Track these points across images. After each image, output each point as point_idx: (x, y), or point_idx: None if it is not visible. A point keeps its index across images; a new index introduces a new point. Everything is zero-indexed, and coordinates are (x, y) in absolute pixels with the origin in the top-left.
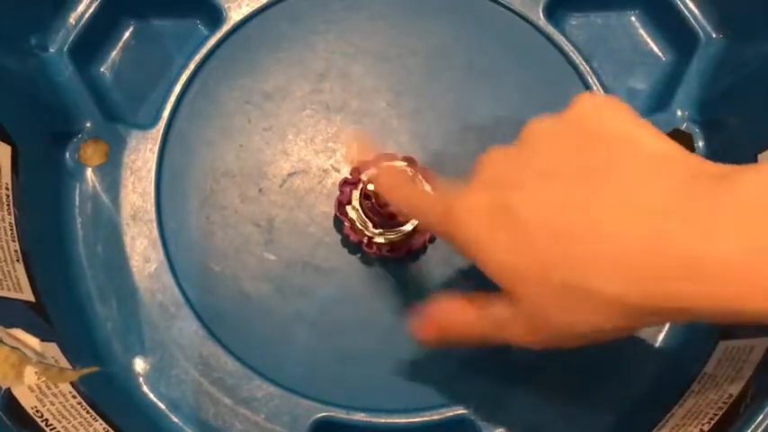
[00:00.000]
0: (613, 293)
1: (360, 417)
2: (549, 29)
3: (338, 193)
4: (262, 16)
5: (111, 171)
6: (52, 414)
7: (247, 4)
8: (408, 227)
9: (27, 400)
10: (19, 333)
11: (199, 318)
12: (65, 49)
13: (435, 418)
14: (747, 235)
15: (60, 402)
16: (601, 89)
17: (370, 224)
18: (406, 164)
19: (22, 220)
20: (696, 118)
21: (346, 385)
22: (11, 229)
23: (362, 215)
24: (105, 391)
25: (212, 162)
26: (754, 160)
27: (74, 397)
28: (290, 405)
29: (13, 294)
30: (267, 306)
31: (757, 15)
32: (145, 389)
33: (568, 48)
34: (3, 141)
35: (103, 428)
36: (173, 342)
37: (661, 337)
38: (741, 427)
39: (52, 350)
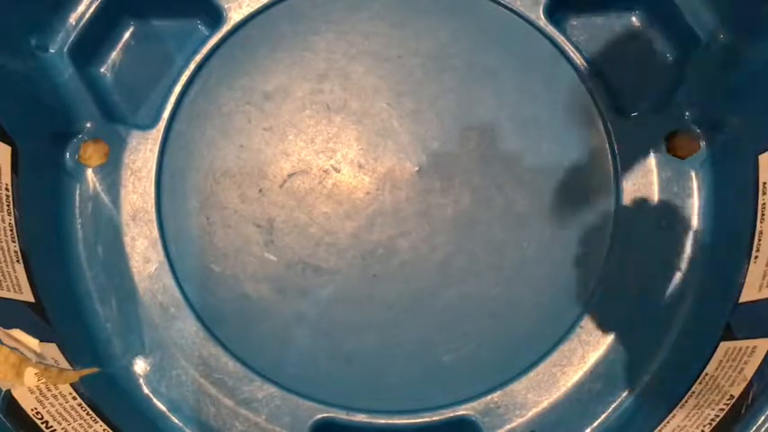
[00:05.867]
0: None
1: (360, 417)
2: (550, 29)
3: None
4: (262, 16)
5: (111, 171)
6: (52, 416)
7: (248, 5)
8: None
9: (27, 402)
10: (18, 334)
11: (199, 318)
12: (65, 50)
13: (436, 418)
14: None
15: (60, 404)
16: (601, 90)
17: None
18: None
19: (22, 220)
20: (697, 118)
21: (347, 386)
22: (10, 230)
23: None
24: (105, 391)
25: (212, 162)
26: (756, 161)
27: (74, 398)
28: (291, 406)
29: (12, 295)
30: (267, 307)
31: (759, 15)
32: (145, 389)
33: (569, 48)
34: (3, 141)
35: (103, 429)
36: (173, 343)
37: (661, 337)
38: (743, 428)
39: (52, 351)
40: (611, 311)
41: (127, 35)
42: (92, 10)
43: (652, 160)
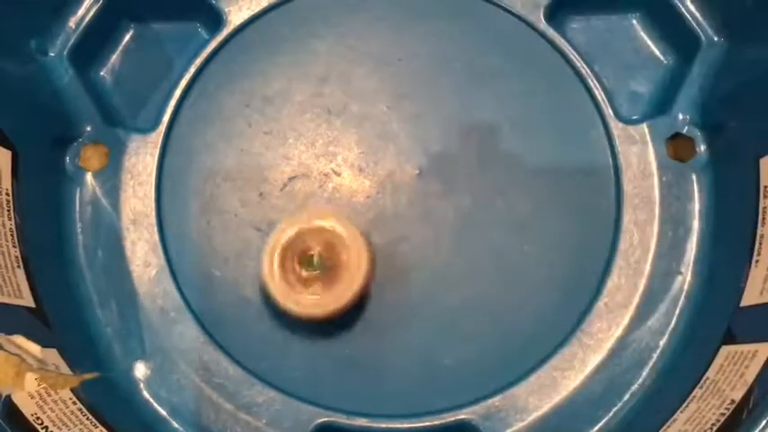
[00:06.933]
0: None
1: (361, 422)
2: (550, 32)
3: None
4: (262, 20)
5: (112, 175)
6: (52, 421)
7: (248, 8)
8: None
9: (27, 408)
10: (20, 340)
11: (199, 322)
12: (65, 53)
13: (437, 422)
14: None
15: (60, 409)
16: (602, 93)
17: None
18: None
19: (23, 225)
20: (698, 122)
21: (347, 390)
22: (11, 235)
23: None
24: (106, 396)
25: (213, 166)
26: (756, 164)
27: (74, 403)
28: (291, 410)
29: (13, 300)
30: (268, 311)
31: (759, 18)
32: (145, 394)
33: (569, 51)
34: (3, 146)
35: None
36: (173, 347)
37: (662, 341)
38: None
39: (53, 356)
40: (612, 315)
41: (127, 38)
42: (91, 13)
43: (653, 164)
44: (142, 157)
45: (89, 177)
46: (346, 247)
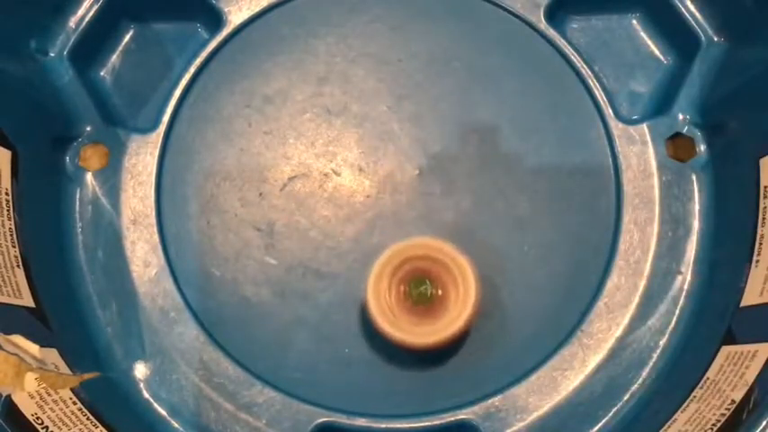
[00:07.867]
0: None
1: (361, 422)
2: (551, 32)
3: None
4: (262, 20)
5: (112, 175)
6: (52, 421)
7: (248, 8)
8: None
9: (27, 407)
10: (19, 340)
11: (199, 322)
12: (65, 53)
13: (437, 422)
14: None
15: (60, 409)
16: (602, 93)
17: None
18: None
19: (22, 225)
20: (698, 122)
21: (347, 390)
22: (11, 235)
23: None
24: (105, 396)
25: (213, 166)
26: (756, 165)
27: (74, 403)
28: (291, 410)
29: (12, 300)
30: (268, 311)
31: (759, 18)
32: (145, 394)
33: (569, 51)
34: (3, 146)
35: None
36: (173, 347)
37: (662, 341)
38: None
39: (52, 356)
40: (612, 315)
41: (127, 38)
42: (91, 13)
43: (653, 163)
44: (142, 157)
45: (89, 177)
46: (455, 280)
